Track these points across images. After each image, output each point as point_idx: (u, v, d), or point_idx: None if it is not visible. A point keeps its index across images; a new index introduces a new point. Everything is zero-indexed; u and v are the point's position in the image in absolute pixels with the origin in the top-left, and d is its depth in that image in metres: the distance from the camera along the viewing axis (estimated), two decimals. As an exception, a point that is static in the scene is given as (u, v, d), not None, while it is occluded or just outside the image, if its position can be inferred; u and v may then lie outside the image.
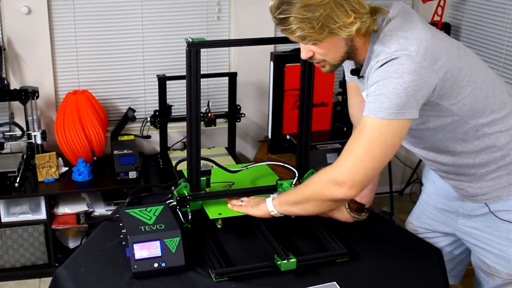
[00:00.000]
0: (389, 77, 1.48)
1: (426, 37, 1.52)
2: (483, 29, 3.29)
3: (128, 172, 2.97)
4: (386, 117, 1.48)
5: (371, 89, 1.52)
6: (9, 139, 2.99)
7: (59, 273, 1.68)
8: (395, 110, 1.48)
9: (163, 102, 3.11)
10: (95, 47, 3.22)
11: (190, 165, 1.81)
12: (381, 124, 1.49)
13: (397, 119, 1.49)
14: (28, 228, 2.96)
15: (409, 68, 1.47)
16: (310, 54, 1.60)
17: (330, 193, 1.58)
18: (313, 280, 1.64)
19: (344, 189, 1.55)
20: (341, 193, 1.56)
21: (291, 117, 3.04)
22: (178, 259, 1.64)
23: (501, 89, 1.71)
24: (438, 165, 1.79)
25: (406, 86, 1.47)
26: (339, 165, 1.56)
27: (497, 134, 1.68)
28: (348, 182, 1.54)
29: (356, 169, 1.53)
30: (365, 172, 1.54)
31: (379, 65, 1.51)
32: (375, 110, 1.49)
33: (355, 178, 1.54)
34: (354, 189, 1.55)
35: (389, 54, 1.50)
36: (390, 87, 1.47)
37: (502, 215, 1.77)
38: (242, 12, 3.29)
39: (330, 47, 1.56)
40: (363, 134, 1.52)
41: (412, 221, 2.08)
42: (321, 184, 1.61)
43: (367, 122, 1.51)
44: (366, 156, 1.52)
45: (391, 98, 1.47)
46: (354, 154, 1.53)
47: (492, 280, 1.85)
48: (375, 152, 1.52)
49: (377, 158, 1.53)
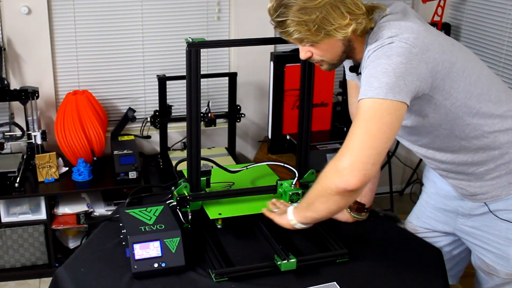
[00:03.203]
0: (378, 60, 1.50)
1: (419, 29, 1.54)
2: (483, 29, 3.29)
3: (128, 172, 2.97)
4: (377, 95, 1.46)
5: (364, 72, 1.54)
6: (9, 139, 2.98)
7: (59, 273, 1.68)
8: (385, 90, 1.46)
9: (163, 102, 3.11)
10: (95, 47, 3.22)
11: (190, 165, 1.81)
12: (374, 103, 1.47)
13: (390, 100, 1.46)
14: (28, 228, 2.96)
15: (397, 51, 1.48)
16: (308, 54, 1.62)
17: (332, 182, 1.49)
18: (313, 280, 1.64)
19: (345, 176, 1.45)
20: (342, 180, 1.46)
21: (291, 117, 3.04)
22: (178, 259, 1.64)
23: (498, 88, 1.70)
24: (437, 163, 1.79)
25: (394, 66, 1.47)
26: (340, 153, 1.50)
27: (496, 133, 1.68)
28: (349, 166, 1.46)
29: (356, 151, 1.46)
30: (366, 153, 1.45)
31: (370, 53, 1.53)
32: (366, 91, 1.49)
33: (356, 161, 1.45)
34: (356, 174, 1.45)
35: (380, 42, 1.52)
36: (379, 68, 1.48)
37: (501, 215, 1.78)
38: (242, 12, 3.29)
39: (328, 48, 1.59)
40: (359, 117, 1.49)
41: (411, 220, 2.08)
42: (325, 176, 1.54)
43: (361, 104, 1.50)
44: (364, 136, 1.46)
45: (379, 77, 1.47)
46: (353, 138, 1.48)
47: (491, 279, 1.86)
48: (373, 131, 1.46)
49: (376, 137, 1.46)
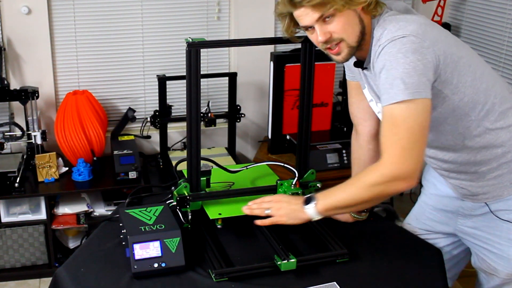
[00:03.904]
0: (394, 58, 1.50)
1: (426, 22, 1.57)
2: (483, 29, 3.29)
3: (128, 172, 2.96)
4: (407, 97, 1.49)
5: (382, 77, 1.53)
6: (9, 139, 2.98)
7: (59, 273, 1.68)
8: (412, 90, 1.49)
9: (163, 102, 3.11)
10: (95, 47, 3.22)
11: (190, 165, 1.81)
12: (407, 107, 1.50)
13: (418, 99, 1.49)
14: (28, 228, 2.96)
15: (411, 48, 1.49)
16: (327, 36, 1.59)
17: (395, 189, 1.56)
18: (313, 280, 1.64)
19: (408, 181, 1.53)
20: (407, 186, 1.54)
21: (291, 117, 3.04)
22: (178, 259, 1.64)
23: (500, 85, 1.72)
24: (439, 162, 1.79)
25: (414, 65, 1.49)
26: (393, 162, 1.53)
27: (498, 131, 1.68)
28: (410, 173, 1.52)
29: (410, 157, 1.52)
30: (418, 157, 1.53)
31: (381, 49, 1.54)
32: (396, 94, 1.50)
33: (413, 166, 1.53)
34: (416, 176, 1.54)
35: (390, 36, 1.53)
36: (400, 69, 1.49)
37: (502, 215, 1.77)
38: (242, 12, 3.29)
39: (347, 22, 1.58)
40: (398, 124, 1.51)
41: (410, 222, 2.07)
42: (383, 186, 1.56)
43: (395, 110, 1.51)
44: (411, 143, 1.52)
45: (404, 79, 1.49)
46: (401, 146, 1.52)
47: (492, 279, 1.86)
48: (417, 136, 1.52)
49: (420, 140, 1.53)
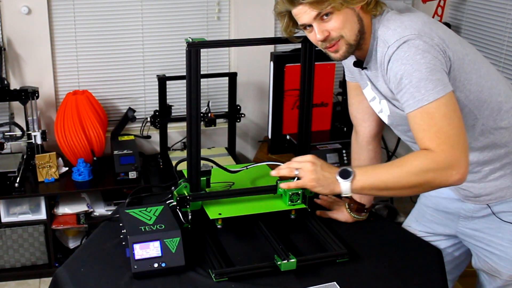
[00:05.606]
0: (413, 61, 1.49)
1: (429, 20, 1.57)
2: (483, 29, 3.29)
3: (128, 172, 2.97)
4: (439, 95, 1.48)
5: (404, 82, 1.51)
6: (9, 139, 2.98)
7: (59, 273, 1.68)
8: (441, 86, 1.48)
9: (163, 102, 3.11)
10: (95, 47, 3.22)
11: (190, 165, 1.81)
12: (441, 103, 1.48)
13: (448, 93, 1.49)
14: (28, 228, 2.96)
15: (424, 48, 1.49)
16: (326, 34, 1.58)
17: (445, 180, 1.51)
18: (313, 280, 1.64)
19: (459, 171, 1.49)
20: (458, 177, 1.49)
21: (291, 117, 3.04)
22: (178, 259, 1.64)
23: (504, 83, 1.72)
24: None
25: (434, 62, 1.49)
26: (444, 149, 1.49)
27: (502, 130, 1.68)
28: (462, 162, 1.48)
29: (457, 145, 1.49)
30: (465, 147, 1.50)
31: (391, 51, 1.52)
32: (427, 95, 1.48)
33: (463, 154, 1.49)
34: (466, 167, 1.50)
35: (398, 36, 1.51)
36: (423, 69, 1.48)
37: (505, 217, 1.77)
38: (242, 12, 3.29)
39: (345, 19, 1.56)
40: (438, 121, 1.49)
41: (410, 224, 2.06)
42: (434, 173, 1.51)
43: (430, 109, 1.49)
44: (456, 133, 1.49)
45: (429, 78, 1.48)
46: (447, 135, 1.48)
47: (494, 281, 1.85)
48: (458, 126, 1.50)
49: (463, 130, 1.51)
